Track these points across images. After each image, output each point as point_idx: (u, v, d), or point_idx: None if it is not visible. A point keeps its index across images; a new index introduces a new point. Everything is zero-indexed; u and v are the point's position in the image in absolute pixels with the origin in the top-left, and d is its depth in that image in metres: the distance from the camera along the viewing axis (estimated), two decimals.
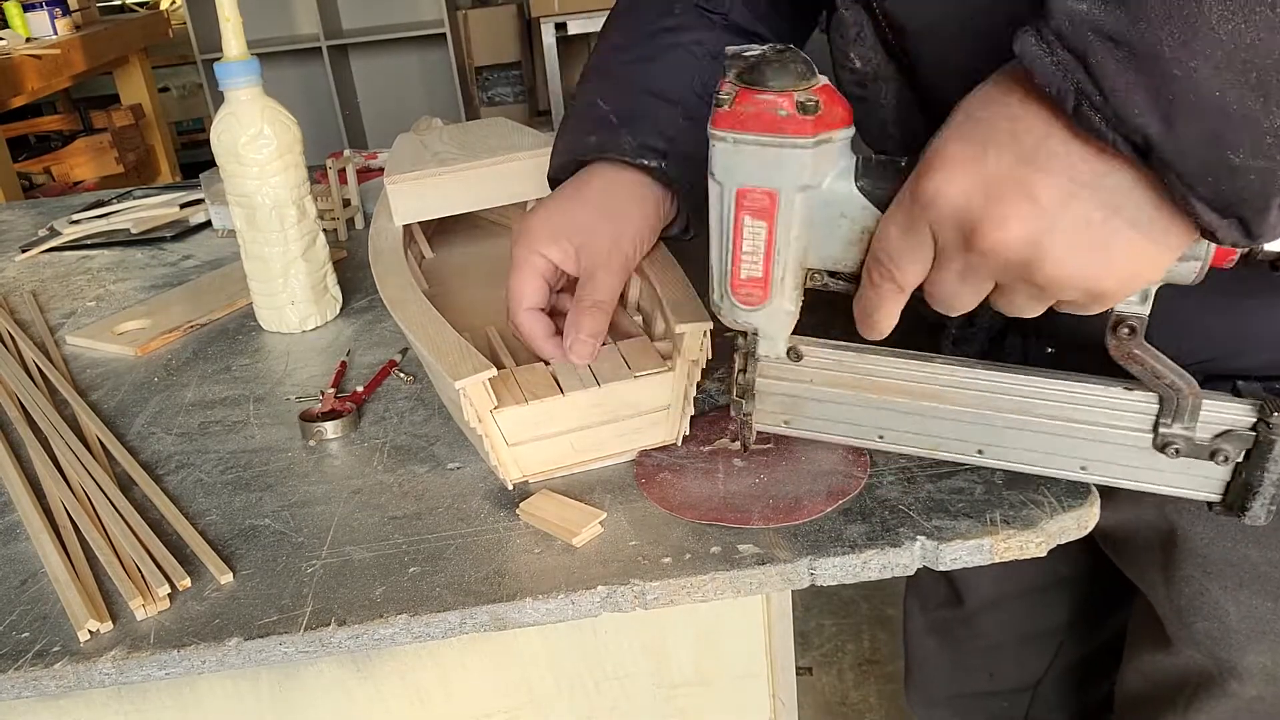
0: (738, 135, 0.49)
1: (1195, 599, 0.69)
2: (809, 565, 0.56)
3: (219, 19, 0.85)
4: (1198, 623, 0.70)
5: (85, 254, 1.24)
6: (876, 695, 1.73)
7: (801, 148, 0.49)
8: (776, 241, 0.52)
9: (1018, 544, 0.56)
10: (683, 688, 0.69)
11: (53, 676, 0.53)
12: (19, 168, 3.28)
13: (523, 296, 0.67)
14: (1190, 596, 0.69)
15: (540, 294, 0.68)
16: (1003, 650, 0.98)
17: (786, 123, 0.48)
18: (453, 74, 4.62)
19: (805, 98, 0.48)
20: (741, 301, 0.55)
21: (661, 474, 0.64)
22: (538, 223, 0.68)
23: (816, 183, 0.50)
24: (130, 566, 0.60)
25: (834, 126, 0.49)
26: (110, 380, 0.87)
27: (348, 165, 1.24)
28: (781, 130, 0.48)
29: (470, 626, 0.55)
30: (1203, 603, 0.69)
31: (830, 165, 0.50)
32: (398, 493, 0.66)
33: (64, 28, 3.15)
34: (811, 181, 0.50)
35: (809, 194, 0.50)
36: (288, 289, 0.92)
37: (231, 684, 0.64)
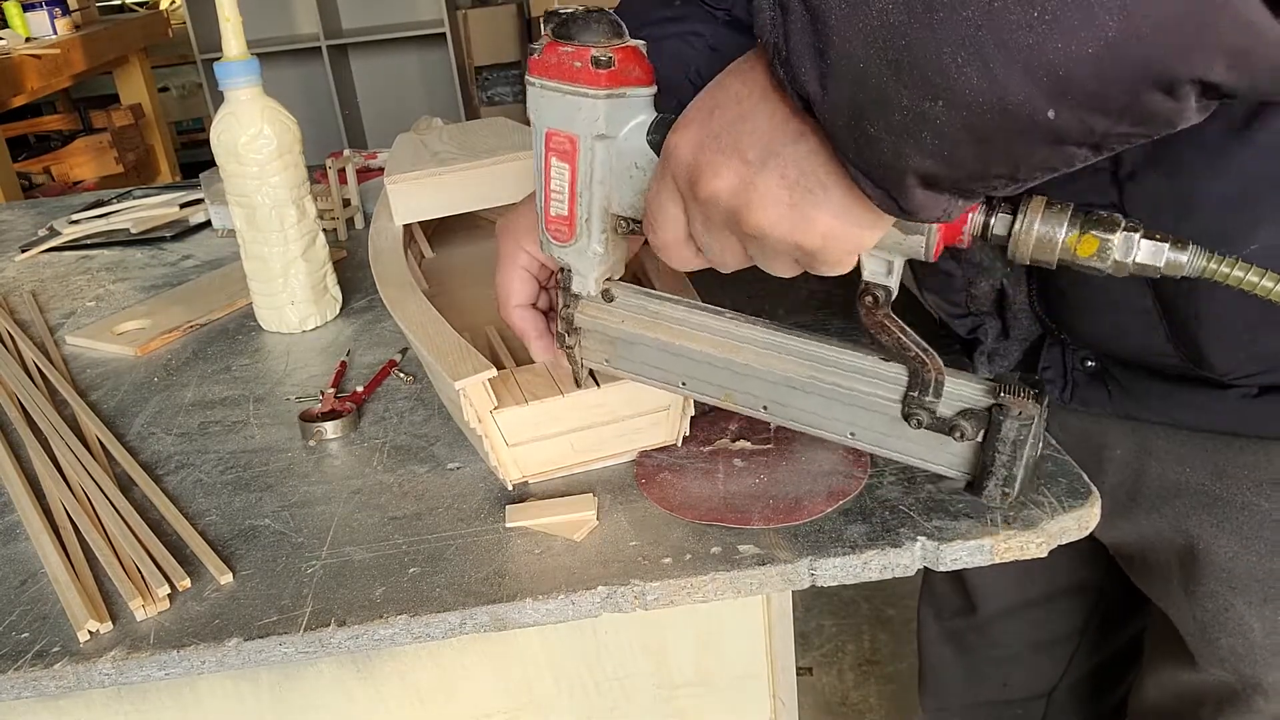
0: (544, 82, 0.54)
1: (1219, 614, 0.68)
2: (809, 565, 0.55)
3: (219, 19, 0.85)
4: (1222, 639, 0.69)
5: (85, 254, 1.24)
6: (877, 695, 1.72)
7: (594, 98, 0.53)
8: (579, 183, 0.56)
9: (1018, 544, 0.56)
10: (683, 688, 0.69)
11: (52, 677, 0.53)
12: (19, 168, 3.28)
13: (510, 293, 0.66)
14: (1214, 612, 0.68)
15: (528, 288, 0.67)
16: (1016, 659, 0.97)
17: (581, 74, 0.52)
18: (453, 74, 4.62)
19: (601, 54, 0.51)
20: (553, 237, 0.59)
21: (661, 474, 0.64)
22: (521, 216, 0.67)
23: (613, 133, 0.54)
24: (130, 567, 0.60)
25: (628, 83, 0.53)
26: (110, 380, 0.87)
27: (347, 165, 1.24)
28: (577, 80, 0.53)
29: (470, 627, 0.55)
30: (1227, 618, 0.67)
31: (626, 119, 0.54)
32: (398, 493, 0.66)
33: (64, 27, 3.15)
34: (607, 131, 0.54)
35: (606, 144, 0.54)
36: (288, 289, 0.92)
37: (231, 684, 0.64)
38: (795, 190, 0.47)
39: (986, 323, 0.71)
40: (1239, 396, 0.61)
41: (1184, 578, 0.69)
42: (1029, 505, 0.58)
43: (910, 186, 0.42)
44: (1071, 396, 0.69)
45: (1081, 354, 0.68)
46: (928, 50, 0.37)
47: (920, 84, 0.38)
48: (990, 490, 0.56)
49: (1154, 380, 0.64)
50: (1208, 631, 0.69)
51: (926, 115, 0.39)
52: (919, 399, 0.55)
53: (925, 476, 0.61)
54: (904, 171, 0.42)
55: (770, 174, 0.47)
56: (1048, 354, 0.70)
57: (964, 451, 0.56)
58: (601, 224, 0.57)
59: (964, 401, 0.55)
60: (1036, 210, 0.47)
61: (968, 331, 0.72)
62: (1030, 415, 0.53)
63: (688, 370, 0.60)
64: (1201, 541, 0.67)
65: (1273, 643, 0.66)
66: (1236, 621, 0.67)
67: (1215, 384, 0.61)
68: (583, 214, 0.57)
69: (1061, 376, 0.69)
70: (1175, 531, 0.68)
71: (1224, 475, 0.65)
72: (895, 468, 0.62)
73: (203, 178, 1.31)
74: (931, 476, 0.61)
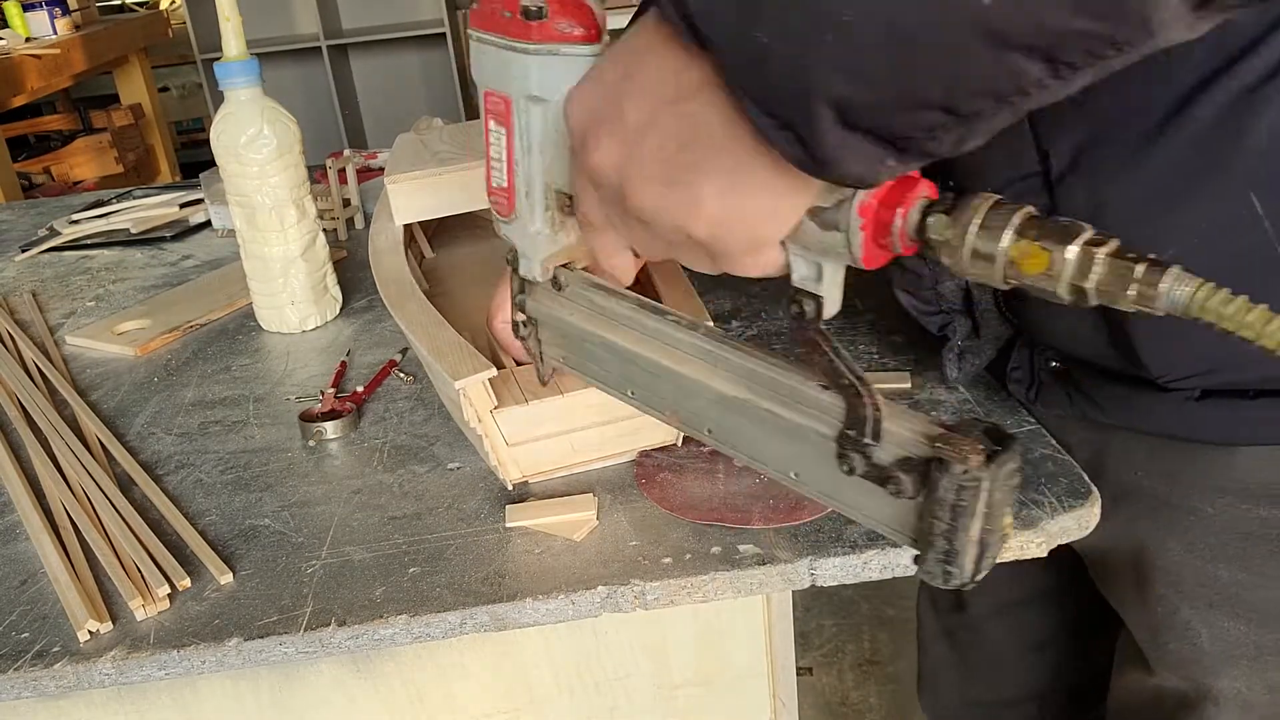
0: (480, 34, 0.48)
1: (1168, 619, 0.67)
2: (809, 565, 0.55)
3: (219, 19, 0.85)
4: (1171, 644, 0.68)
5: (85, 254, 1.24)
6: (877, 695, 1.72)
7: (524, 53, 0.46)
8: (515, 151, 0.50)
9: (1018, 544, 0.56)
10: (683, 688, 0.69)
11: (52, 677, 0.53)
12: (19, 167, 3.28)
13: (498, 305, 0.67)
14: (1163, 617, 0.67)
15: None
16: (1007, 660, 0.97)
17: (510, 25, 0.46)
18: (453, 74, 4.62)
19: (531, 3, 0.45)
20: (496, 211, 0.53)
21: (661, 474, 0.64)
22: None
23: (547, 96, 0.47)
24: (130, 567, 0.60)
25: (563, 39, 0.45)
26: (110, 380, 0.87)
27: (348, 165, 1.24)
28: (506, 32, 0.46)
29: (470, 627, 0.55)
30: (1174, 622, 0.66)
31: (562, 81, 0.46)
32: (398, 493, 0.66)
33: (64, 27, 3.15)
34: (540, 93, 0.47)
35: (543, 108, 0.47)
36: (288, 289, 0.92)
37: (231, 684, 0.64)
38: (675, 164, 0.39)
39: (956, 320, 0.70)
40: (1181, 400, 0.59)
41: (1136, 582, 0.68)
42: (1029, 505, 0.58)
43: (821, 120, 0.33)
44: (1037, 397, 0.69)
45: (1047, 354, 0.67)
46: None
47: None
48: (930, 565, 0.43)
49: (1109, 383, 0.63)
50: (1158, 637, 0.68)
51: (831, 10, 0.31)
52: (855, 439, 0.43)
53: None
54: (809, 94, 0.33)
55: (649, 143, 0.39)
56: (1018, 354, 0.69)
57: (905, 511, 0.43)
58: (544, 200, 0.51)
59: (903, 448, 0.42)
60: (979, 210, 0.37)
61: (938, 329, 0.72)
62: (975, 477, 0.40)
63: (635, 378, 0.53)
64: (1151, 545, 0.66)
65: (1219, 649, 0.65)
66: (1183, 627, 0.66)
67: (1161, 387, 0.60)
68: (521, 186, 0.51)
69: (1029, 376, 0.69)
70: (1128, 536, 0.67)
71: (1173, 480, 0.64)
72: None
73: (203, 178, 1.31)
74: None
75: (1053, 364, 0.67)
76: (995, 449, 0.40)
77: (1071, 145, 0.55)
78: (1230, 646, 0.65)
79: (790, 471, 0.47)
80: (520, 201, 0.51)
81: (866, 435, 0.43)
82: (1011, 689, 0.99)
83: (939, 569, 0.43)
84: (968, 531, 0.41)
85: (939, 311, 0.71)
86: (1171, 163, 0.52)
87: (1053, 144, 0.56)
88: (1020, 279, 0.36)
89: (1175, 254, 0.53)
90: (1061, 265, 0.35)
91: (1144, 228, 0.54)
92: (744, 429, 0.49)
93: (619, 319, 0.53)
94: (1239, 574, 0.63)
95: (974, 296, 0.69)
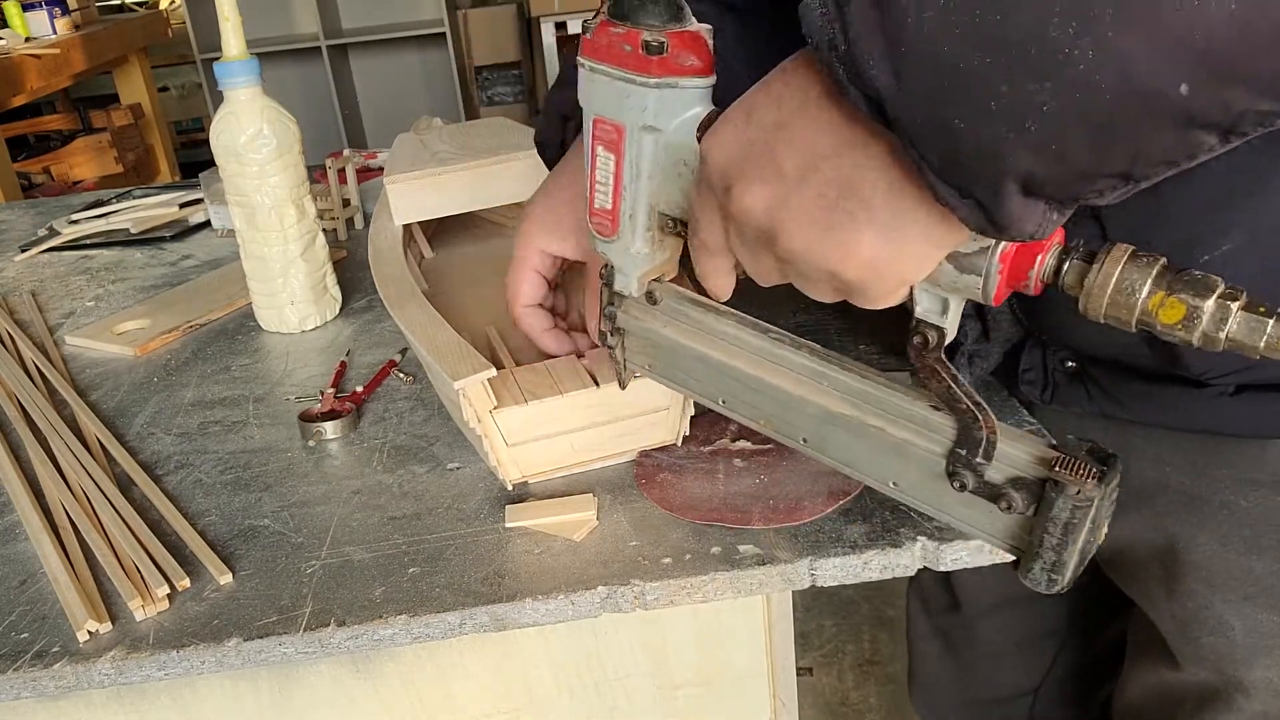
0: (593, 64, 0.50)
1: (1199, 613, 0.67)
2: (809, 566, 0.55)
3: (219, 18, 0.85)
4: (1203, 638, 0.68)
5: (84, 254, 1.24)
6: (877, 695, 1.72)
7: (643, 86, 0.48)
8: (624, 177, 0.52)
9: None
10: (683, 688, 0.69)
11: (52, 677, 0.53)
12: (18, 167, 3.28)
13: (519, 293, 0.67)
14: (1194, 611, 0.68)
15: (537, 289, 0.68)
16: (1001, 657, 0.97)
17: (630, 59, 0.48)
18: (453, 74, 4.62)
19: (653, 38, 0.47)
20: (596, 230, 0.56)
21: (661, 474, 0.64)
22: (534, 218, 0.68)
23: (662, 126, 0.50)
24: (129, 567, 0.60)
25: (681, 73, 0.48)
26: (110, 380, 0.87)
27: (347, 165, 1.24)
28: (625, 65, 0.48)
29: (470, 627, 0.55)
30: (1207, 616, 0.67)
31: (677, 111, 0.49)
32: (398, 493, 0.66)
33: (63, 27, 3.15)
34: (655, 124, 0.50)
35: (655, 137, 0.50)
36: (287, 289, 0.92)
37: (231, 684, 0.64)
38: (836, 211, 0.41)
39: (966, 324, 0.70)
40: (1215, 395, 0.60)
41: (1164, 577, 0.69)
42: None
43: (1008, 193, 0.36)
44: (1052, 398, 0.69)
45: (1061, 355, 0.68)
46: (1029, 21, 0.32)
47: (1022, 63, 0.32)
48: (1035, 574, 0.48)
49: (1132, 380, 0.64)
50: (1188, 630, 0.69)
51: (1031, 101, 0.33)
52: (966, 458, 0.47)
53: None
54: (1002, 173, 0.35)
55: (808, 191, 0.41)
56: (1028, 355, 0.69)
57: (1012, 524, 0.48)
58: (647, 221, 0.54)
59: (1017, 468, 0.47)
60: (1118, 260, 0.40)
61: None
62: (1089, 497, 0.44)
63: (728, 389, 0.56)
64: (1181, 540, 0.67)
65: (1252, 641, 0.66)
66: (1216, 620, 0.67)
67: (1193, 383, 0.60)
68: (626, 209, 0.53)
69: (1042, 378, 0.69)
70: (1155, 531, 0.68)
71: (1203, 474, 0.64)
72: None
73: (202, 178, 1.31)
74: None
75: (1068, 364, 0.67)
76: (1103, 469, 0.44)
77: None
78: (1264, 638, 0.66)
79: (890, 481, 0.51)
80: (624, 223, 0.54)
81: (979, 455, 0.47)
82: (1005, 686, 0.99)
83: (1044, 576, 0.47)
84: (1076, 544, 0.45)
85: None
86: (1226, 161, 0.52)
87: None
88: (1153, 326, 0.40)
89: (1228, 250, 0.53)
90: (1199, 317, 0.38)
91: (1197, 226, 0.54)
92: (845, 441, 0.52)
93: (716, 333, 0.56)
94: (1274, 565, 0.63)
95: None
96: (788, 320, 0.83)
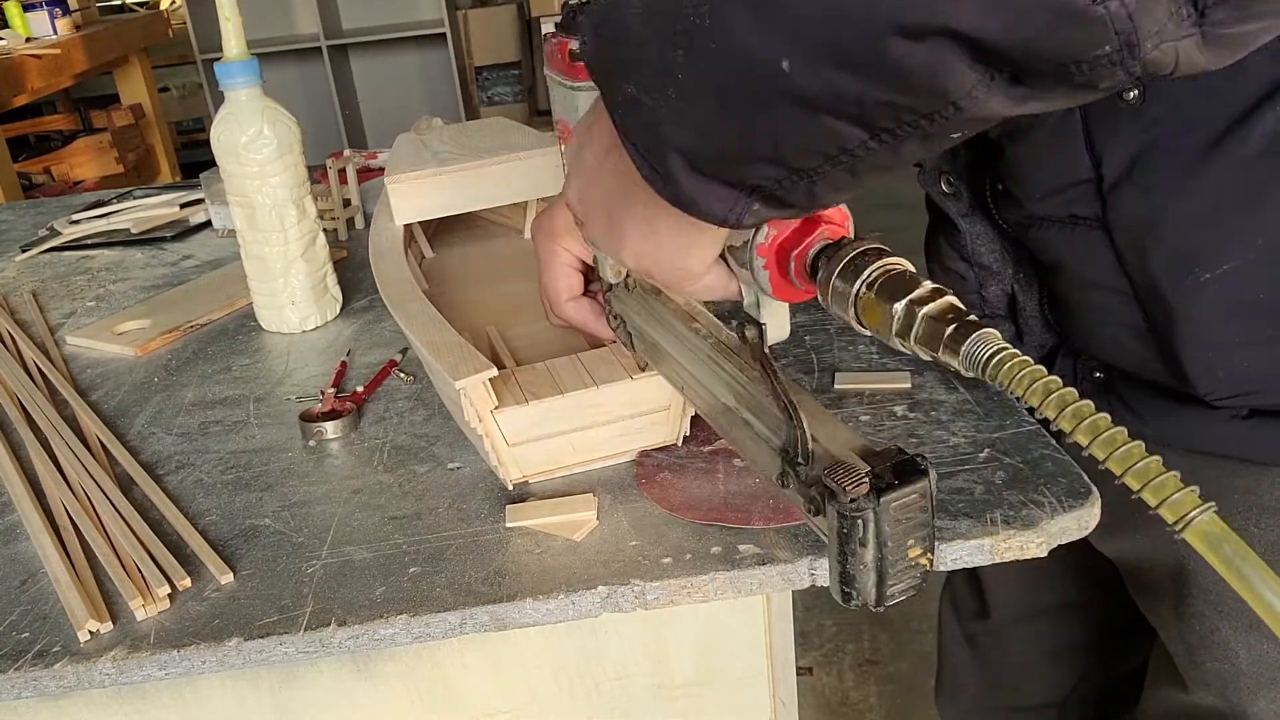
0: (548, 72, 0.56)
1: (1206, 638, 0.66)
2: (809, 565, 0.55)
3: (219, 19, 0.85)
4: (1208, 663, 0.67)
5: (85, 254, 1.24)
6: (877, 695, 1.72)
7: (574, 89, 0.53)
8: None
9: (1018, 544, 0.56)
10: (683, 688, 0.69)
11: (53, 677, 0.53)
12: (19, 167, 3.28)
13: (559, 290, 0.64)
14: (1201, 635, 0.67)
15: (574, 282, 0.65)
16: (1029, 667, 0.97)
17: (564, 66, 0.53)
18: (453, 74, 4.62)
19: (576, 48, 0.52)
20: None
21: (662, 474, 0.64)
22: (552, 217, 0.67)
23: None
24: (130, 567, 0.60)
25: None
26: (110, 380, 0.87)
27: (348, 165, 1.24)
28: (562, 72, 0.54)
29: (470, 627, 0.55)
30: (1213, 642, 0.66)
31: None
32: (398, 493, 0.66)
33: (64, 27, 3.15)
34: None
35: None
36: (288, 289, 0.92)
37: (232, 684, 0.64)
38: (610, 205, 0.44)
39: (1000, 327, 0.70)
40: (1228, 418, 0.59)
41: (1175, 598, 0.68)
42: (1029, 505, 0.58)
43: (676, 167, 0.36)
44: None
45: (1090, 365, 0.67)
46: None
47: (668, 30, 0.33)
48: (832, 584, 0.44)
49: (1154, 397, 0.63)
50: (1194, 654, 0.68)
51: (671, 68, 0.34)
52: (791, 457, 0.46)
53: None
54: (664, 143, 0.36)
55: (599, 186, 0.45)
56: (1061, 363, 0.69)
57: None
58: None
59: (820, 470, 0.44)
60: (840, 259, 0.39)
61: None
62: (860, 509, 0.40)
63: (684, 377, 0.57)
64: (1192, 562, 0.66)
65: (1257, 671, 0.65)
66: (1222, 646, 0.66)
67: (1207, 404, 0.59)
68: None
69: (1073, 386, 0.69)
70: (1168, 551, 0.67)
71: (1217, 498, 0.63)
72: None
73: (203, 178, 1.31)
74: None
75: (1096, 375, 0.67)
76: (891, 482, 0.40)
77: (1127, 154, 0.54)
78: (1269, 669, 0.64)
79: (771, 476, 0.49)
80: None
81: (798, 454, 0.45)
82: (1032, 696, 0.98)
83: (837, 588, 0.43)
84: (859, 559, 0.41)
85: (982, 316, 0.70)
86: (1231, 176, 0.52)
87: (1107, 151, 0.55)
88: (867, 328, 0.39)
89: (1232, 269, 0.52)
90: (890, 319, 0.36)
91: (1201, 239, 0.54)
92: (739, 435, 0.52)
93: (665, 322, 0.57)
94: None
95: (1019, 303, 0.68)
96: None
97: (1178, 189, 0.53)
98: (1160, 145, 0.53)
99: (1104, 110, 0.53)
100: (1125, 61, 0.28)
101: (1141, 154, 0.54)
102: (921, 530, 0.42)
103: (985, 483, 0.60)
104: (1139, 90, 0.51)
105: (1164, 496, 0.32)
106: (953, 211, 0.67)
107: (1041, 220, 0.62)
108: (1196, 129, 0.52)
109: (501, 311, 0.80)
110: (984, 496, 0.59)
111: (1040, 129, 0.57)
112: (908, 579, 0.42)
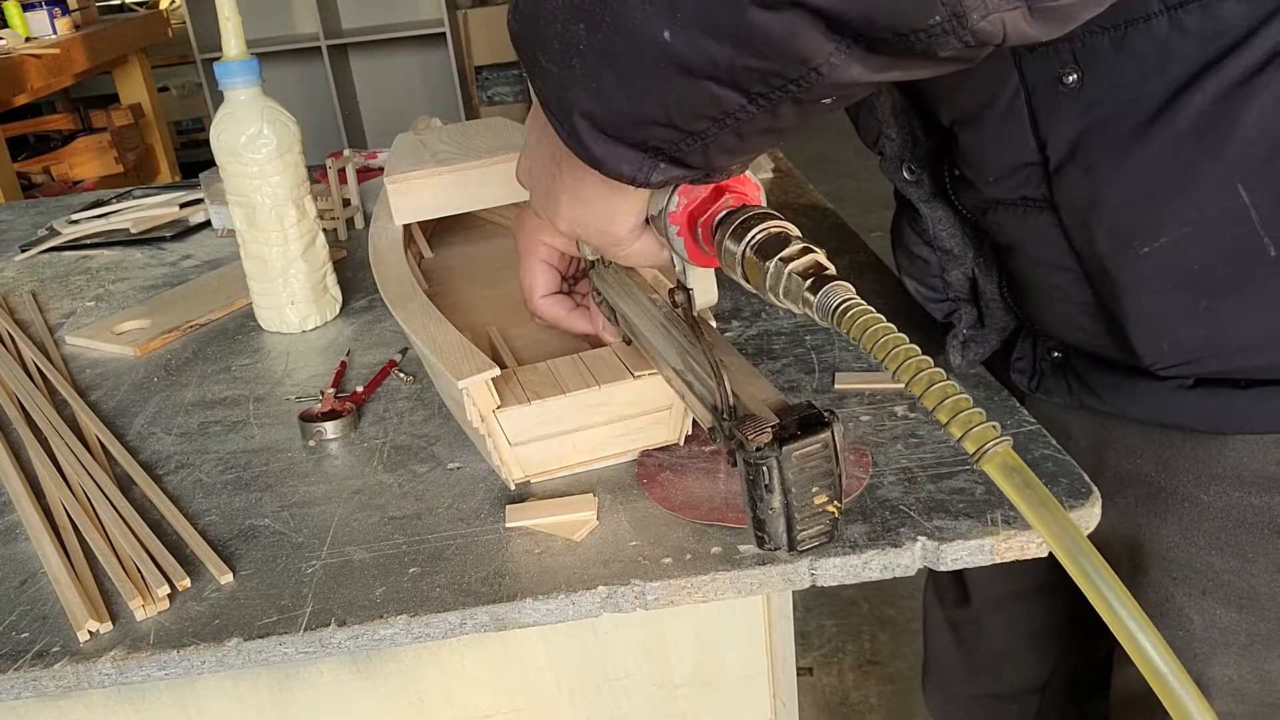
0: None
1: (1160, 606, 0.67)
2: (809, 566, 0.55)
3: (219, 18, 0.85)
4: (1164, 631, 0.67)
5: (85, 254, 1.24)
6: (877, 695, 1.72)
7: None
8: None
9: (1019, 544, 0.56)
10: (683, 688, 0.68)
11: (52, 677, 0.53)
12: (18, 167, 3.28)
13: (534, 285, 0.67)
14: (1156, 604, 0.67)
15: (550, 279, 0.68)
16: (1008, 651, 0.97)
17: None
18: (453, 74, 4.62)
19: None
20: None
21: (663, 474, 0.64)
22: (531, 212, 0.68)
23: None
24: (130, 567, 0.60)
25: None
26: (110, 380, 0.87)
27: (347, 165, 1.24)
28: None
29: (470, 627, 0.55)
30: (1168, 610, 0.67)
31: None
32: (398, 493, 0.66)
33: (63, 27, 3.15)
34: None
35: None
36: (287, 289, 0.92)
37: (231, 684, 0.64)
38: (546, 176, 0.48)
39: (961, 309, 0.71)
40: (1175, 388, 0.61)
41: (1131, 568, 0.69)
42: None
43: (582, 129, 0.40)
44: (1038, 386, 0.70)
45: (1049, 344, 0.68)
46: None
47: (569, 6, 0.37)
48: (751, 531, 0.47)
49: (1106, 372, 0.65)
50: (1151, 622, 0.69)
51: (572, 39, 0.37)
52: (720, 414, 0.48)
53: (925, 476, 0.61)
54: (570, 107, 0.40)
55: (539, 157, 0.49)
56: (1021, 344, 0.70)
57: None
58: None
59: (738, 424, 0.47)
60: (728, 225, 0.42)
61: (943, 316, 0.73)
62: (764, 456, 0.43)
63: (648, 346, 0.59)
64: (1146, 532, 0.67)
65: (1211, 636, 0.66)
66: (1176, 614, 0.67)
67: (1156, 376, 0.61)
68: None
69: (1031, 367, 0.70)
70: (1124, 522, 0.68)
71: (1168, 468, 0.65)
72: (895, 467, 0.62)
73: (202, 178, 1.31)
74: (932, 476, 0.61)
75: (1054, 354, 0.68)
76: (795, 433, 0.44)
77: (1069, 135, 0.56)
78: (1222, 634, 0.65)
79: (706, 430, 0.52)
80: None
81: (724, 414, 0.48)
82: (1014, 681, 0.99)
83: (754, 534, 0.47)
84: (767, 504, 0.45)
85: (945, 299, 0.72)
86: (1165, 154, 0.53)
87: (1050, 134, 0.57)
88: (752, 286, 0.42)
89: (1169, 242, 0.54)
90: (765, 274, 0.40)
91: (1140, 215, 0.55)
92: (688, 396, 0.54)
93: (632, 296, 0.60)
94: (1231, 561, 0.63)
95: (980, 286, 0.69)
96: (784, 319, 0.83)
97: (1116, 168, 0.55)
98: (1099, 127, 0.55)
99: (1047, 94, 0.56)
100: (956, 30, 0.31)
101: (1082, 136, 0.56)
102: (826, 479, 0.45)
103: (986, 483, 0.60)
104: (1078, 74, 0.53)
105: (968, 429, 0.35)
106: (915, 198, 0.69)
107: (996, 204, 0.63)
108: (1132, 110, 0.54)
109: (501, 311, 0.80)
110: (984, 496, 0.59)
111: (990, 114, 0.59)
112: (817, 525, 0.46)
